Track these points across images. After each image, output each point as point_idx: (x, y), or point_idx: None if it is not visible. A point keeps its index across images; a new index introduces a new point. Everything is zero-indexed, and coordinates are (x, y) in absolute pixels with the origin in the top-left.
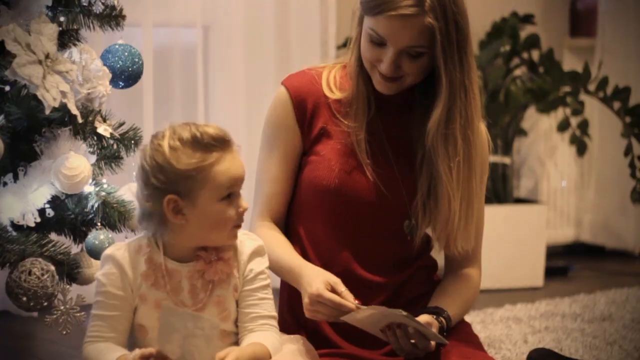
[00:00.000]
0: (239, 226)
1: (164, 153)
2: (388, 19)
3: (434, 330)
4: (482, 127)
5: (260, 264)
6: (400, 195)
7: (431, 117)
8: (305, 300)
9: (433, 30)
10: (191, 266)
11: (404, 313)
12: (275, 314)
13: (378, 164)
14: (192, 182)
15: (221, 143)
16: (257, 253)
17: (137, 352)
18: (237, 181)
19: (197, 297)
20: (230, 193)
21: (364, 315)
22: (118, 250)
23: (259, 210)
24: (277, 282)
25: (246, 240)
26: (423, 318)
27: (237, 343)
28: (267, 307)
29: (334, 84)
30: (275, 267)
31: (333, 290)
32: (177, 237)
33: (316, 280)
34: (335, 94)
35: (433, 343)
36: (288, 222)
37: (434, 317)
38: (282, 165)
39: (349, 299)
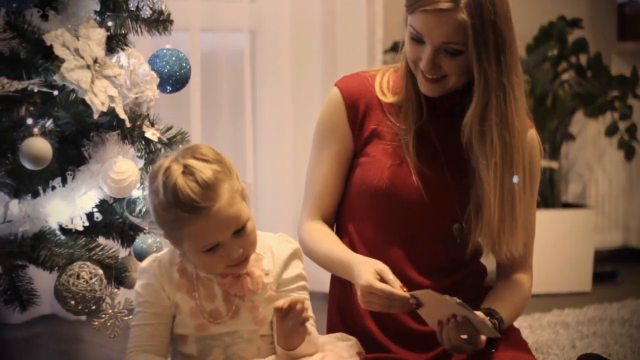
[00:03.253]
0: (237, 265)
1: (157, 194)
2: (424, 14)
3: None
4: (532, 133)
5: (297, 267)
6: (450, 199)
7: (467, 114)
8: (358, 292)
9: (467, 27)
10: (222, 276)
11: (457, 300)
12: (311, 314)
13: (428, 167)
14: (173, 232)
15: (191, 209)
16: (293, 256)
17: None
18: (213, 241)
19: (230, 303)
20: (213, 247)
21: (425, 302)
22: (152, 263)
23: (308, 210)
24: (326, 286)
25: (283, 243)
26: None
27: (273, 346)
28: None
29: (386, 87)
30: (324, 261)
31: (382, 279)
32: None
33: (366, 270)
34: (387, 98)
35: (483, 338)
36: (338, 223)
37: (487, 318)
38: (332, 165)
39: (396, 286)
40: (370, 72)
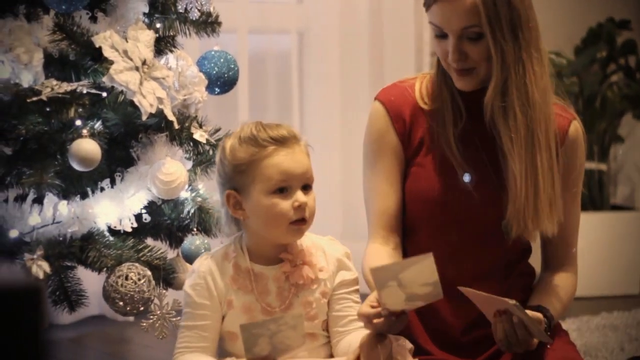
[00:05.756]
0: (301, 222)
1: (224, 149)
2: (439, 6)
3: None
4: (577, 125)
5: (353, 271)
6: (497, 199)
7: (487, 92)
8: None
9: (478, 6)
10: (277, 269)
11: (513, 302)
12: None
13: (475, 170)
14: (245, 176)
15: (278, 140)
16: (347, 258)
17: None
18: (289, 176)
19: (284, 299)
20: (284, 187)
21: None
22: (204, 261)
23: (372, 229)
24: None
25: (334, 244)
26: (532, 314)
27: (326, 346)
28: None
29: (426, 94)
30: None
31: None
32: (251, 237)
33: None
34: (428, 105)
35: (535, 341)
36: None
37: (541, 315)
38: (389, 179)
39: None
40: (407, 81)
